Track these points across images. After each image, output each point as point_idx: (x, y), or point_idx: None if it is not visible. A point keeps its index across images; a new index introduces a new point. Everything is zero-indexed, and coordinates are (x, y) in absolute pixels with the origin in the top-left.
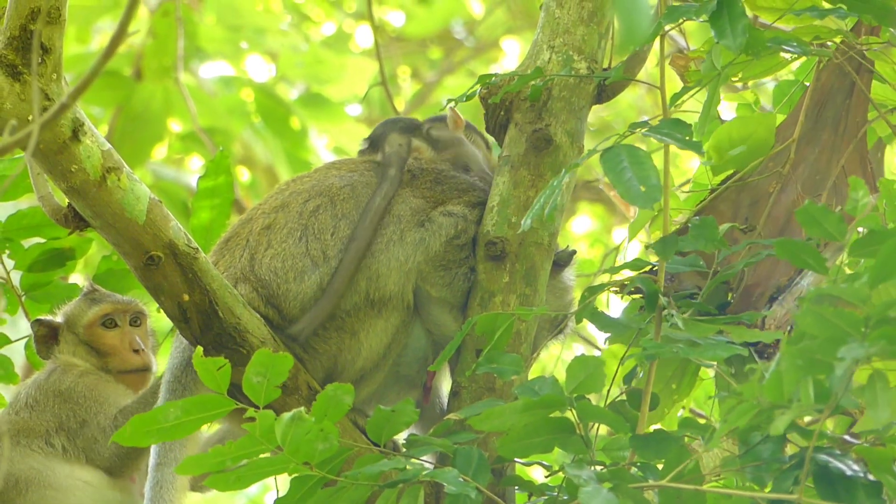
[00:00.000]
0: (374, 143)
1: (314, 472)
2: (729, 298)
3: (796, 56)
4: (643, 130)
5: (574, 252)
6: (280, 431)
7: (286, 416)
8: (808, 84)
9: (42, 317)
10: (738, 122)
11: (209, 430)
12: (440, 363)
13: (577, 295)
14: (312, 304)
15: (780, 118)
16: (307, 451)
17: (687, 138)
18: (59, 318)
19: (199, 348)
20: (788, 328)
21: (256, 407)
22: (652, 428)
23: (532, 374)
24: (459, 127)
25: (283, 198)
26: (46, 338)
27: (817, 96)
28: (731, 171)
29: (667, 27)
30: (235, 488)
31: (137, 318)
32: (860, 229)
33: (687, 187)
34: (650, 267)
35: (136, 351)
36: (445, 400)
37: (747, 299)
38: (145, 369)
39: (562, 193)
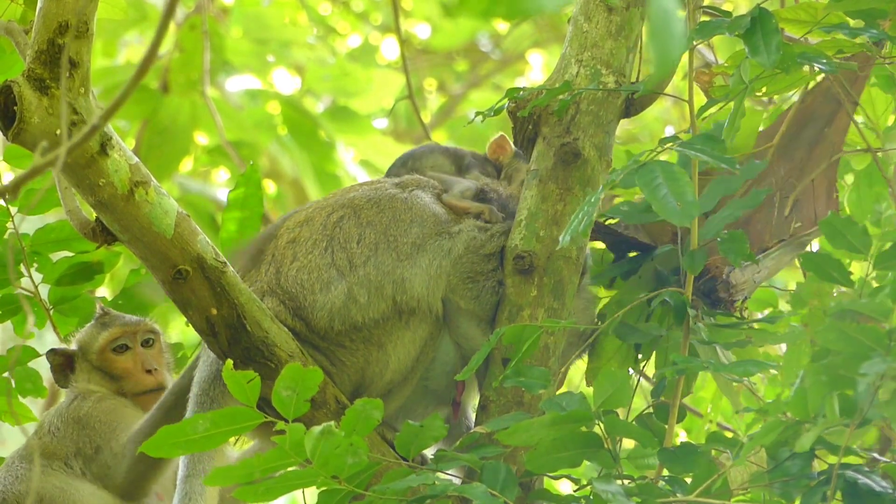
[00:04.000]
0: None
1: (343, 486)
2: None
3: (820, 71)
4: (676, 145)
5: (588, 254)
6: (310, 445)
7: (316, 429)
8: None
9: (56, 346)
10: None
11: (237, 446)
12: (467, 373)
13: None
14: (341, 314)
15: (768, 123)
16: (336, 464)
17: (720, 153)
18: (73, 346)
19: (229, 361)
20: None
21: (285, 420)
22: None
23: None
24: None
25: (306, 213)
26: (63, 367)
27: (800, 116)
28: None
29: (696, 43)
30: (264, 499)
31: (149, 339)
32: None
33: None
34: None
35: (150, 371)
36: (473, 417)
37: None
38: (160, 388)
39: (597, 209)
